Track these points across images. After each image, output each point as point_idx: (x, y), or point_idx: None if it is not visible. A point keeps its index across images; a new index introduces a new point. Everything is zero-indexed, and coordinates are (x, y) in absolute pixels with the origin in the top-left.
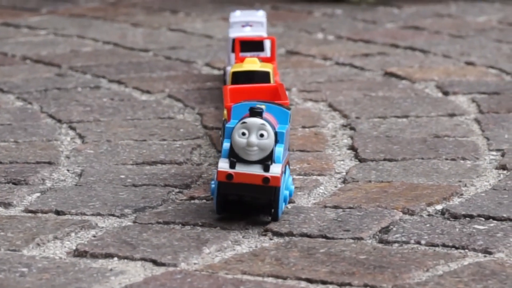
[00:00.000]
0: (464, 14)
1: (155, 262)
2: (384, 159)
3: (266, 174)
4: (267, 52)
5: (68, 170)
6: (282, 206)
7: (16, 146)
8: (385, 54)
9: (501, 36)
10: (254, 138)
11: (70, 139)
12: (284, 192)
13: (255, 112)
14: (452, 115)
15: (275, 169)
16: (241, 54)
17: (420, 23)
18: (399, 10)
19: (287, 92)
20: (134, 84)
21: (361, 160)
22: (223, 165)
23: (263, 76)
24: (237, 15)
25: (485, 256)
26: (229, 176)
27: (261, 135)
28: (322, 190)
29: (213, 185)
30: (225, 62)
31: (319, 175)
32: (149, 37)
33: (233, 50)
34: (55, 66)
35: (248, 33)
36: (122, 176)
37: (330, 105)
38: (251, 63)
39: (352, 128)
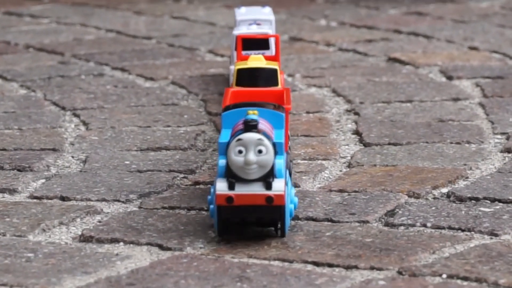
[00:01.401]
0: None
1: (161, 247)
2: (389, 143)
3: (269, 193)
4: (273, 51)
5: (72, 157)
6: (289, 221)
7: (21, 133)
8: (388, 40)
9: (504, 21)
10: (252, 156)
11: (74, 126)
12: (289, 206)
13: (249, 126)
14: (456, 99)
15: (278, 186)
16: (246, 53)
17: (423, 8)
18: None
19: (290, 78)
20: (137, 71)
21: (366, 145)
22: (222, 186)
23: (269, 74)
24: (243, 12)
25: (491, 238)
26: (229, 199)
27: (259, 151)
28: (327, 174)
29: (212, 206)
30: (230, 61)
31: (324, 159)
32: (152, 25)
33: (236, 48)
34: (58, 54)
35: (254, 30)
36: (127, 162)
37: (334, 91)
38: (257, 60)
39: (356, 113)
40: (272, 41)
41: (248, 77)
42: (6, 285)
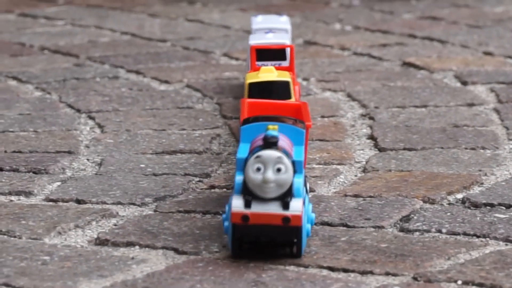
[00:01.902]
0: (482, 4)
1: (177, 251)
2: (404, 149)
3: (286, 213)
4: (288, 60)
5: (88, 160)
6: (305, 241)
7: (36, 136)
8: (403, 45)
9: None
10: (270, 174)
11: (89, 129)
12: (306, 226)
13: (269, 143)
14: (471, 104)
15: (296, 206)
16: (261, 64)
17: (437, 13)
18: (416, 1)
19: (305, 82)
20: (152, 74)
21: (381, 150)
22: (237, 203)
23: (282, 86)
24: (259, 21)
25: (506, 245)
26: (245, 217)
27: (278, 170)
28: (342, 179)
29: (226, 224)
30: (246, 72)
31: (339, 164)
32: (167, 27)
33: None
34: (73, 57)
35: (270, 40)
36: (142, 165)
37: (348, 95)
38: (268, 72)
39: (371, 118)
40: (288, 51)
41: (260, 90)
42: None
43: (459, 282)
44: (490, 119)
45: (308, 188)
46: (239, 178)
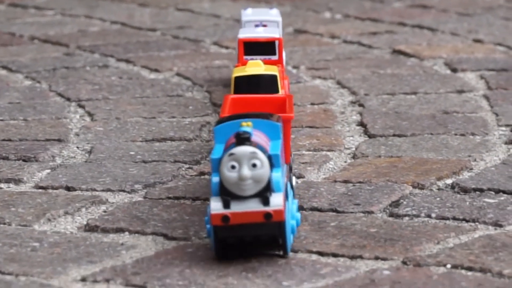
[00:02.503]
0: None
1: (166, 237)
2: (394, 135)
3: (267, 209)
4: (277, 55)
5: (77, 147)
6: (291, 238)
7: (26, 124)
8: (393, 33)
9: (509, 14)
10: (246, 171)
11: (79, 117)
12: (290, 222)
13: (242, 139)
14: (460, 91)
15: (277, 201)
16: (250, 58)
17: (427, 1)
18: None
19: (295, 70)
20: (142, 63)
21: (371, 136)
22: (216, 205)
23: (269, 80)
24: (249, 13)
25: (495, 229)
26: (225, 218)
27: (254, 165)
28: (332, 165)
29: (208, 226)
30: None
31: (328, 150)
32: (157, 16)
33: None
34: (63, 46)
35: (259, 33)
36: (132, 153)
37: (338, 82)
38: (255, 66)
39: (361, 105)
40: (277, 45)
41: (247, 84)
42: (11, 274)
43: (448, 266)
44: (479, 106)
45: (293, 184)
46: (215, 179)
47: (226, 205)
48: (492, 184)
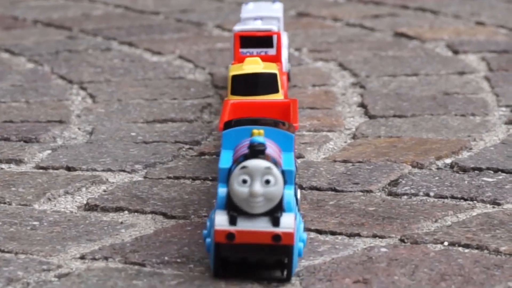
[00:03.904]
0: None
1: (166, 215)
2: (394, 116)
3: (277, 230)
4: (275, 48)
5: (79, 129)
6: (296, 262)
7: (27, 106)
8: (395, 15)
9: None
10: (258, 187)
11: (81, 99)
12: (298, 245)
13: (256, 151)
14: (462, 73)
15: (287, 222)
16: (246, 51)
17: None
18: None
19: (297, 53)
20: (145, 46)
21: (371, 117)
22: (221, 220)
23: (268, 79)
24: (250, 9)
25: (493, 207)
26: (230, 235)
27: (267, 182)
28: (332, 145)
29: (208, 240)
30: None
31: (328, 131)
32: (160, 0)
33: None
34: (66, 29)
35: (256, 26)
36: (133, 134)
37: (340, 64)
38: (253, 63)
39: (362, 86)
40: (275, 39)
41: (245, 84)
42: (11, 252)
43: (446, 243)
44: (480, 87)
45: (299, 198)
46: (222, 190)
47: (233, 222)
48: (491, 163)
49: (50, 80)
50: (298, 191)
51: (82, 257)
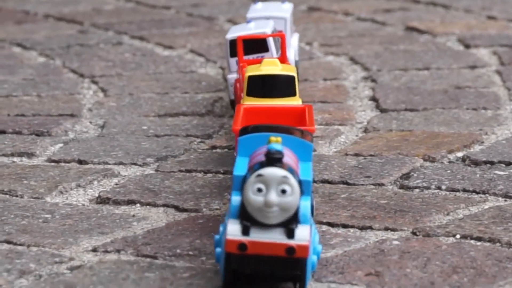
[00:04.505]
0: None
1: (177, 208)
2: (405, 109)
3: (291, 243)
4: (273, 52)
5: (90, 122)
6: (310, 276)
7: (39, 100)
8: (406, 10)
9: None
10: (273, 196)
11: (92, 93)
12: (312, 259)
13: (272, 159)
14: (473, 67)
15: (302, 234)
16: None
17: None
18: None
19: (307, 47)
20: (156, 40)
21: (382, 110)
22: (233, 229)
23: (286, 82)
24: (258, 8)
25: (505, 200)
26: (242, 246)
27: (283, 191)
28: (343, 139)
29: (218, 250)
30: (227, 69)
31: (340, 124)
32: None
33: (231, 54)
34: (77, 24)
35: (250, 30)
36: (144, 127)
37: (351, 59)
38: (271, 65)
39: (373, 80)
40: (271, 42)
41: (261, 85)
42: (23, 244)
43: (458, 236)
44: (492, 81)
45: (314, 209)
46: (235, 199)
47: (245, 232)
48: (503, 156)
49: (62, 74)
50: (314, 200)
51: (94, 250)
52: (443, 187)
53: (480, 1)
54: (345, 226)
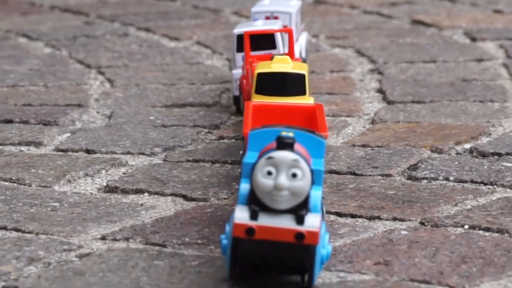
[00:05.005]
0: None
1: (186, 197)
2: (412, 101)
3: (300, 229)
4: (280, 49)
5: (97, 112)
6: (319, 269)
7: (46, 90)
8: (412, 3)
9: None
10: (284, 179)
11: (99, 83)
12: (321, 251)
13: (284, 143)
14: (480, 60)
15: (312, 221)
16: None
17: None
18: None
19: (314, 39)
20: (162, 32)
21: (389, 102)
22: (241, 215)
23: (296, 80)
24: (266, 4)
25: None
26: (250, 230)
27: (294, 175)
28: (351, 130)
29: (224, 241)
30: (233, 65)
31: (347, 116)
32: None
33: (238, 49)
34: (83, 15)
35: (258, 27)
36: (152, 118)
37: (358, 51)
38: (282, 62)
39: (380, 73)
40: (278, 38)
41: (271, 83)
42: (32, 232)
43: (466, 226)
44: (498, 74)
45: (324, 212)
46: (244, 186)
47: (254, 216)
48: (510, 148)
49: (68, 64)
50: (324, 207)
51: (103, 238)
52: (451, 178)
53: None
54: (353, 216)
